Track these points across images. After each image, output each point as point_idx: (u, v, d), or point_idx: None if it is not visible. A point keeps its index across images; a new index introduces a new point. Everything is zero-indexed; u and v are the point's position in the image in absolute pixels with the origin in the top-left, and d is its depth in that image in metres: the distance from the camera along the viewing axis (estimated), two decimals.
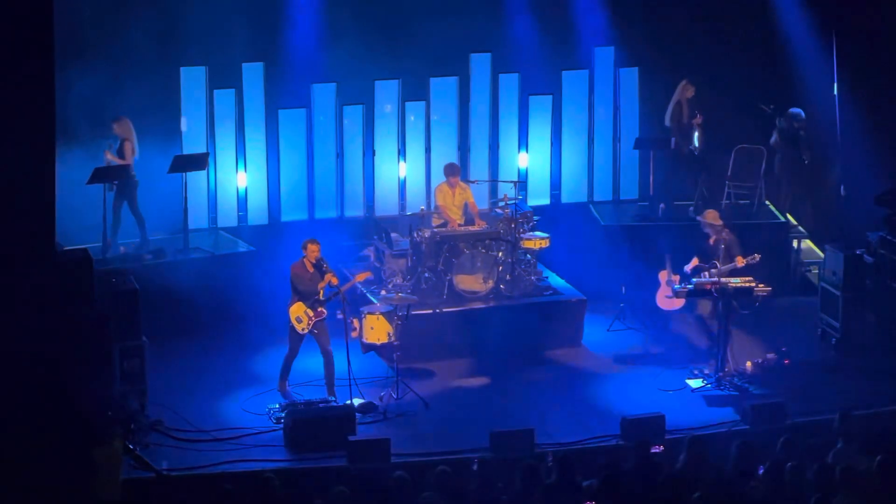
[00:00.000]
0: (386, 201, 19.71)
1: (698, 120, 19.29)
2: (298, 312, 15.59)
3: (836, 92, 19.92)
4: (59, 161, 13.78)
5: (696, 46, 19.98)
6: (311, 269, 15.63)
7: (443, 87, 19.75)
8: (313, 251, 15.62)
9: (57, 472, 12.97)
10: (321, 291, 15.63)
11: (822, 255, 18.71)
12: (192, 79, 18.68)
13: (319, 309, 15.62)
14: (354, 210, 19.65)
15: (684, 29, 20.04)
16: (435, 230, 17.64)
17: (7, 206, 13.16)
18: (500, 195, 18.40)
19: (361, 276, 16.51)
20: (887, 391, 15.90)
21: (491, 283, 17.36)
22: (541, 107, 20.17)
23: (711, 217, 16.72)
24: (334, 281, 15.59)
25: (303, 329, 15.61)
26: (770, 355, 16.69)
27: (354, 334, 16.01)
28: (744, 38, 20.22)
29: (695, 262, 16.57)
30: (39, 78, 13.22)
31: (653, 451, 13.19)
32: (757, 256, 16.34)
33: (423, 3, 19.39)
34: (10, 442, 13.01)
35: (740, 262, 16.28)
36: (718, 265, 16.32)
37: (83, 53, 17.49)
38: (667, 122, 19.45)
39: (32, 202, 13.32)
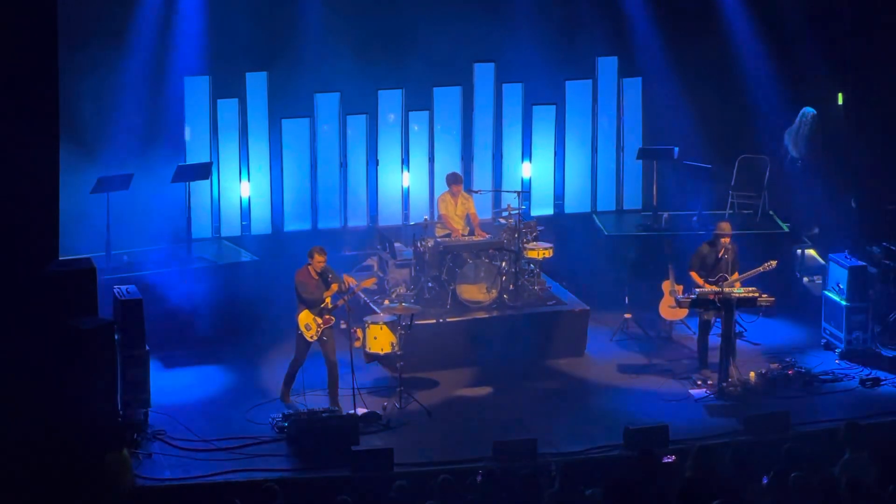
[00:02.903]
0: (389, 211, 19.69)
1: None
2: (307, 320, 15.56)
3: (840, 102, 19.94)
4: (62, 170, 13.82)
5: (698, 56, 19.97)
6: (316, 277, 15.60)
7: (446, 97, 19.74)
8: (319, 261, 15.58)
9: (63, 480, 12.99)
10: (328, 299, 15.59)
11: (825, 265, 18.69)
12: (196, 88, 18.68)
13: (327, 316, 15.59)
14: (358, 220, 19.62)
15: (687, 38, 20.02)
16: (438, 240, 17.63)
17: (11, 215, 13.18)
18: (504, 205, 18.38)
19: (368, 282, 16.49)
20: (891, 401, 15.89)
21: (494, 293, 17.34)
22: (544, 116, 20.15)
23: (726, 228, 16.69)
24: (346, 283, 15.56)
25: (311, 336, 15.57)
26: (773, 365, 16.68)
27: (357, 344, 15.99)
28: (747, 48, 20.20)
29: (694, 276, 16.60)
30: (44, 88, 13.27)
31: (665, 460, 13.18)
32: (773, 263, 16.34)
33: (427, 13, 19.39)
34: (15, 450, 13.02)
35: (758, 270, 16.31)
36: (728, 277, 16.35)
37: (87, 64, 17.52)
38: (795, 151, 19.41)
39: (36, 211, 13.35)
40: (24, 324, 13.32)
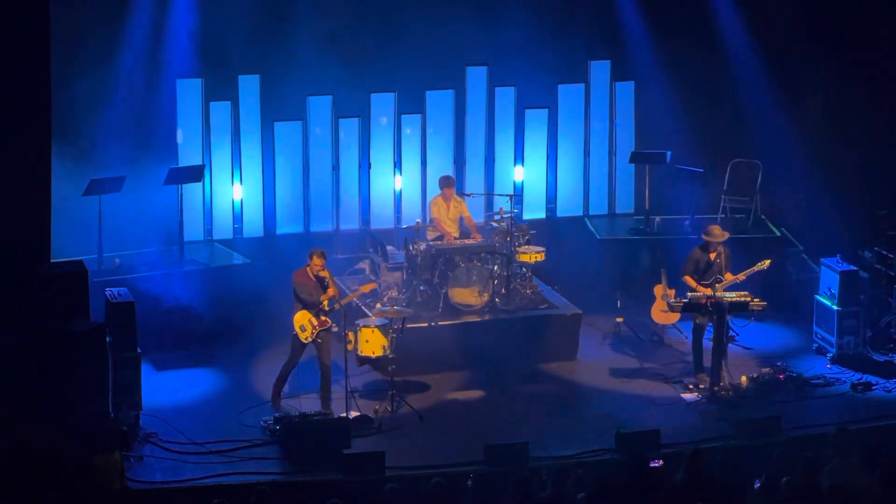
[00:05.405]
0: (381, 214, 19.70)
1: None
2: (303, 321, 15.54)
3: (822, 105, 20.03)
4: (54, 173, 13.82)
5: (691, 60, 19.99)
6: (313, 279, 15.58)
7: (439, 100, 19.76)
8: (317, 264, 15.55)
9: (54, 483, 12.97)
10: (325, 302, 15.56)
11: (817, 269, 18.70)
12: (188, 91, 18.68)
13: (323, 318, 15.57)
14: (350, 223, 19.63)
15: (680, 43, 20.04)
16: (430, 243, 17.63)
17: (2, 218, 13.18)
18: (496, 208, 18.39)
19: (367, 288, 16.45)
20: (882, 406, 15.91)
21: (486, 297, 17.34)
22: (537, 120, 20.17)
23: (718, 232, 16.69)
24: (332, 292, 15.52)
25: (306, 338, 15.55)
26: (765, 369, 16.69)
27: (350, 347, 15.98)
28: (740, 52, 20.22)
29: (690, 280, 16.58)
30: (36, 91, 13.28)
31: (652, 465, 13.16)
32: (766, 263, 16.30)
33: (420, 16, 19.39)
34: (4, 451, 13.01)
35: (752, 270, 16.28)
36: (722, 279, 16.33)
37: (80, 66, 17.50)
38: None
39: (28, 213, 13.35)
40: (16, 326, 13.31)
